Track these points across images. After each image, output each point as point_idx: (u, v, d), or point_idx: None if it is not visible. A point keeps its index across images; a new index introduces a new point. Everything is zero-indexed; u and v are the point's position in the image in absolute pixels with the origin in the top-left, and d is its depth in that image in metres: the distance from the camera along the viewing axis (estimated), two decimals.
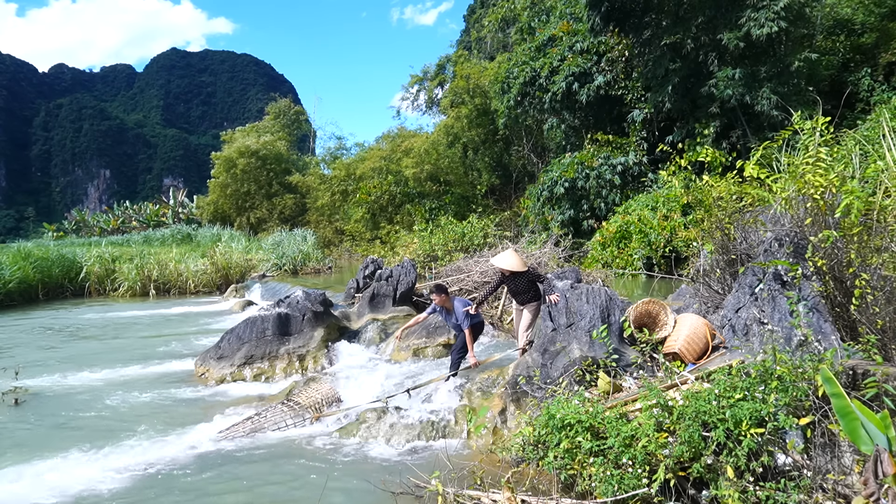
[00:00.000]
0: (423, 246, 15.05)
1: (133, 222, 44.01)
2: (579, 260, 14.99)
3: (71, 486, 4.52)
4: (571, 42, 18.44)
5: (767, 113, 13.17)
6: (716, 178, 6.28)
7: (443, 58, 31.63)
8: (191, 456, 5.07)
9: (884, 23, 15.70)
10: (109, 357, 9.19)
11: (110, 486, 4.52)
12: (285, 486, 4.49)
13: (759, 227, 5.41)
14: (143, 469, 4.81)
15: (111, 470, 4.78)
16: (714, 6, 14.14)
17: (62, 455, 5.14)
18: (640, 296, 9.24)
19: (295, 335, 8.44)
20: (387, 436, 5.25)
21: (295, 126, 40.84)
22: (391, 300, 9.79)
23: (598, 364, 4.89)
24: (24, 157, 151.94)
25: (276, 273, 19.27)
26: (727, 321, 4.93)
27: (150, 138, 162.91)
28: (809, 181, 4.57)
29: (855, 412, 2.74)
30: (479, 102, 23.75)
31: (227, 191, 33.77)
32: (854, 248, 4.31)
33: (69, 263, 18.59)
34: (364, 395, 6.48)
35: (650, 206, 14.01)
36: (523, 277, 6.37)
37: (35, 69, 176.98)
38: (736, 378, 3.71)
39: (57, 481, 4.61)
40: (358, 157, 28.93)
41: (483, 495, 3.76)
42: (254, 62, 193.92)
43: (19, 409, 6.64)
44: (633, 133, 17.16)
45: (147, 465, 4.87)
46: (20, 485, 4.61)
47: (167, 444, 5.34)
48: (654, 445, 3.45)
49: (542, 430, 3.96)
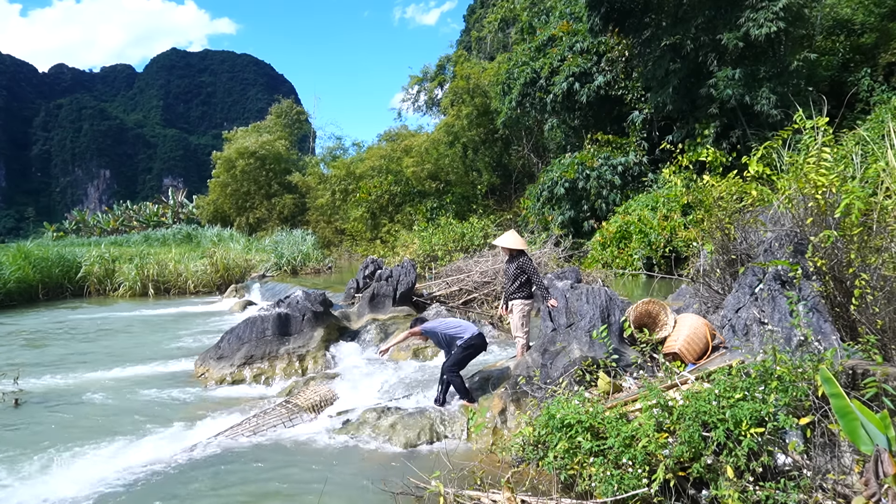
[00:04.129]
0: (423, 246, 15.07)
1: (133, 222, 44.01)
2: (579, 260, 15.00)
3: (70, 486, 4.51)
4: (571, 42, 18.45)
5: (767, 113, 13.18)
6: (716, 178, 6.28)
7: (443, 58, 31.66)
8: (190, 456, 5.07)
9: (884, 23, 15.70)
10: (109, 357, 9.18)
11: (110, 487, 4.51)
12: (285, 487, 4.49)
13: (760, 227, 5.41)
14: (143, 470, 4.80)
15: (110, 471, 4.77)
16: (713, 7, 14.15)
17: (61, 456, 5.14)
18: (640, 296, 9.24)
19: (295, 335, 8.44)
20: (387, 436, 5.24)
21: (296, 126, 40.96)
22: (391, 300, 9.79)
23: (598, 364, 4.89)
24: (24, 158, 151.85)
25: (276, 273, 19.27)
26: (727, 321, 4.93)
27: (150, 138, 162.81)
28: (811, 181, 4.57)
29: (855, 412, 2.74)
30: (479, 102, 23.77)
31: (226, 191, 33.79)
32: (854, 248, 4.31)
33: (69, 263, 18.58)
34: (364, 395, 6.48)
35: (650, 206, 14.01)
36: (514, 263, 6.19)
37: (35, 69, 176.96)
38: (736, 378, 3.71)
39: (56, 482, 4.61)
40: (358, 157, 28.96)
41: (483, 495, 3.76)
42: (254, 62, 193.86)
43: (19, 409, 6.63)
44: (633, 133, 17.16)
45: (146, 466, 4.86)
46: (19, 485, 4.61)
47: (167, 445, 5.33)
48: (654, 445, 3.44)
49: (542, 431, 3.95)
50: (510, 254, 6.29)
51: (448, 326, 5.99)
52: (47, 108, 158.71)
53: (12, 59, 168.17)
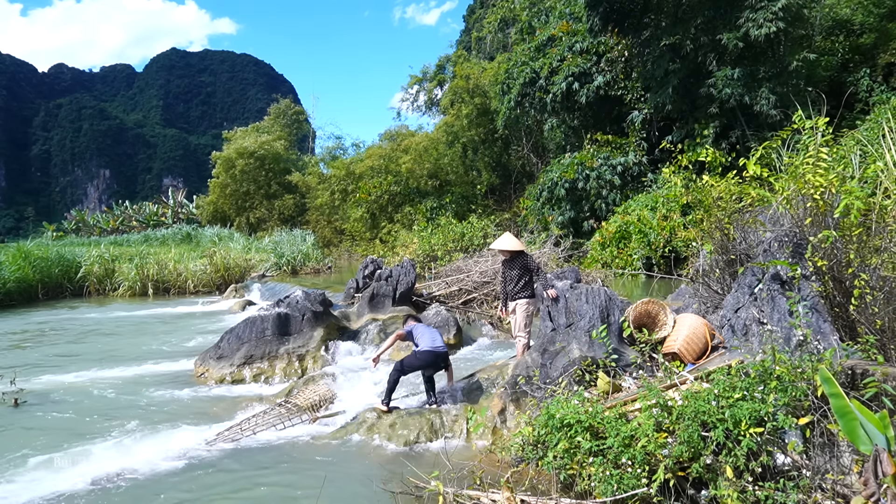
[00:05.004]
0: (423, 246, 15.07)
1: (133, 222, 43.96)
2: (579, 260, 15.00)
3: (69, 487, 4.51)
4: (571, 42, 18.45)
5: (767, 113, 13.19)
6: (715, 178, 6.28)
7: (442, 58, 31.65)
8: (190, 456, 5.07)
9: (883, 23, 15.71)
10: (108, 357, 9.18)
11: (109, 487, 4.51)
12: (284, 487, 4.49)
13: (759, 227, 5.42)
14: (143, 470, 4.80)
15: (110, 471, 4.77)
16: (713, 7, 14.16)
17: (60, 456, 5.14)
18: (639, 296, 9.24)
19: (294, 335, 8.44)
20: (386, 436, 5.24)
21: (295, 126, 40.92)
22: (391, 300, 9.79)
23: (597, 364, 4.89)
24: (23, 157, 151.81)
25: (276, 273, 19.28)
26: (726, 321, 4.93)
27: (150, 138, 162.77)
28: (810, 181, 4.58)
29: (854, 412, 2.74)
30: (479, 102, 23.77)
31: (226, 191, 33.80)
32: (853, 248, 4.31)
33: (69, 263, 18.57)
34: (364, 395, 6.48)
35: (650, 206, 14.01)
36: (516, 263, 6.23)
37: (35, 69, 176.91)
38: (735, 378, 3.71)
39: (55, 482, 4.61)
40: (358, 157, 28.96)
41: (483, 495, 3.76)
42: (253, 62, 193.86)
43: (19, 410, 6.63)
44: (633, 133, 17.16)
45: (146, 466, 4.86)
46: (18, 486, 4.61)
47: (167, 445, 5.33)
48: (654, 445, 3.45)
49: (542, 430, 3.96)
50: (510, 255, 6.31)
51: (421, 334, 5.98)
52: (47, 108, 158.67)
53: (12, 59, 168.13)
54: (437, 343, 5.87)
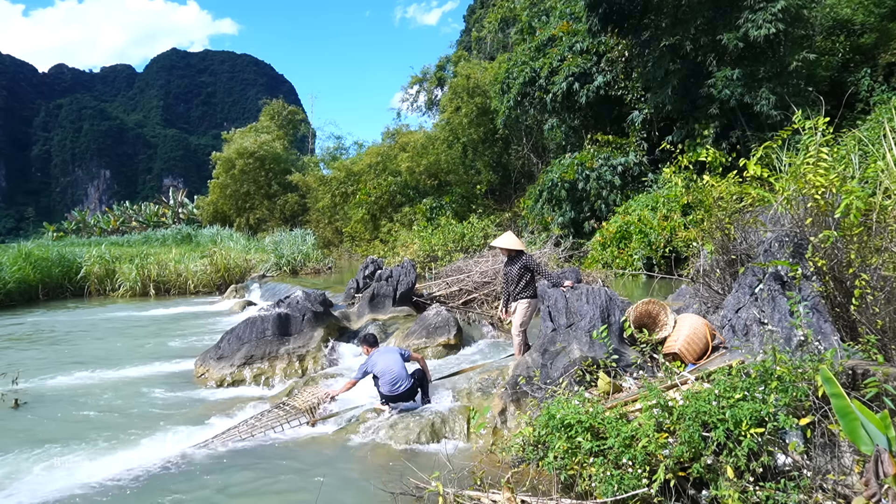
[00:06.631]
0: (423, 246, 15.07)
1: (133, 222, 43.97)
2: (579, 260, 14.99)
3: (68, 487, 4.51)
4: (571, 42, 18.45)
5: (767, 113, 13.18)
6: (716, 179, 6.28)
7: (442, 58, 31.70)
8: (189, 458, 5.07)
9: (883, 23, 15.70)
10: (109, 358, 9.18)
11: (108, 488, 4.51)
12: (284, 487, 4.49)
13: (759, 228, 5.41)
14: (142, 470, 4.80)
15: (110, 471, 4.77)
16: (713, 7, 14.15)
17: (59, 457, 5.14)
18: (640, 296, 9.24)
19: (295, 335, 8.44)
20: (387, 436, 5.24)
21: (291, 126, 40.72)
22: (391, 300, 9.79)
23: (598, 364, 4.88)
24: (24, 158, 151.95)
25: (276, 273, 19.26)
26: (727, 321, 4.93)
27: (150, 138, 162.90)
28: (810, 181, 4.57)
29: (855, 412, 2.74)
30: (479, 102, 23.78)
31: (226, 191, 33.80)
32: (854, 248, 4.31)
33: (69, 264, 18.58)
34: (363, 395, 6.47)
35: (650, 207, 14.01)
36: (517, 263, 6.20)
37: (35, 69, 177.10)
38: (736, 378, 3.71)
39: (55, 482, 4.61)
40: (358, 157, 28.98)
41: (483, 496, 3.76)
42: (253, 62, 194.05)
43: (18, 410, 6.63)
44: (633, 133, 17.16)
45: (146, 467, 4.86)
46: (17, 486, 4.61)
47: (166, 446, 5.33)
48: (654, 446, 3.44)
49: (542, 431, 3.95)
50: (509, 255, 6.30)
51: (381, 373, 5.72)
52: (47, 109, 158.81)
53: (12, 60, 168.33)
54: (396, 385, 5.60)
